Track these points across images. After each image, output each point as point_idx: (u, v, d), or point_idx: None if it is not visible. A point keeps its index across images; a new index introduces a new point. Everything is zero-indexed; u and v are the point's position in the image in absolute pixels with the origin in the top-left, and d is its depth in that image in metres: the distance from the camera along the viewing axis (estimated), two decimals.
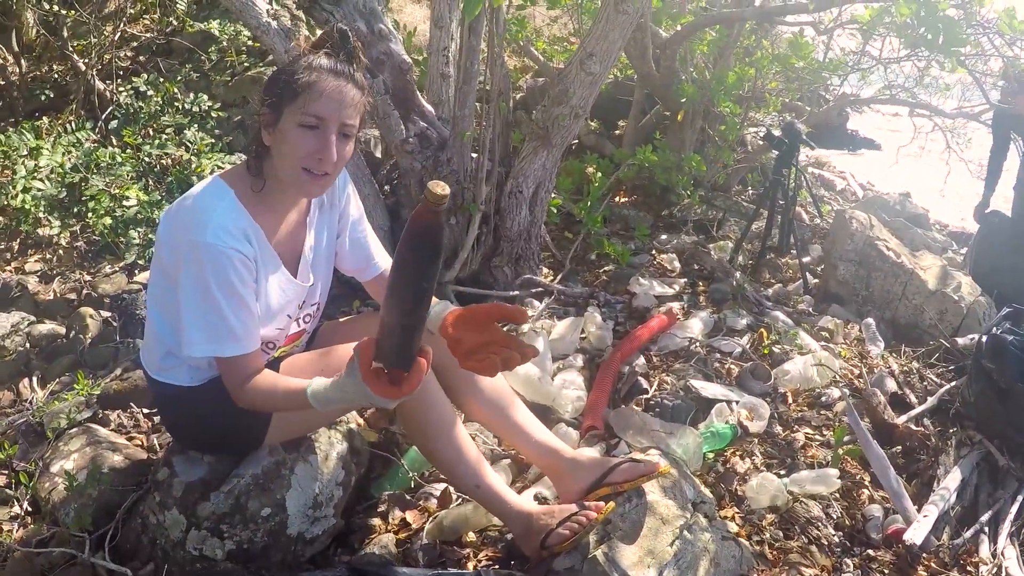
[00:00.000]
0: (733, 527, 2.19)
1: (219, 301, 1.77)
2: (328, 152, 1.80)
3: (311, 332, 2.24)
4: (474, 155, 3.30)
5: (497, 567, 2.04)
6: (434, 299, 2.10)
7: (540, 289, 3.55)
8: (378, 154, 4.23)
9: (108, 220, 3.81)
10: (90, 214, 3.85)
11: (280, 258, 1.95)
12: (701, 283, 3.86)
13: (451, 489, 2.30)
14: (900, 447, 2.68)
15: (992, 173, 5.11)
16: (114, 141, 4.70)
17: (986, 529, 2.39)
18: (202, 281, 1.76)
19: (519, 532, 1.98)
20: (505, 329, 1.91)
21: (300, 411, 2.00)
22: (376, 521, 2.28)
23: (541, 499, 2.20)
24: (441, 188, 1.37)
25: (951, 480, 2.48)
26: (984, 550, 2.30)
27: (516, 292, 3.49)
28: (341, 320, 2.43)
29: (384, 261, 2.24)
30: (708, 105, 4.87)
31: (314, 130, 1.80)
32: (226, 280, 1.77)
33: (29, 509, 2.35)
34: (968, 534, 2.33)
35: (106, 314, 3.56)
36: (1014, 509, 2.45)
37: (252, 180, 1.89)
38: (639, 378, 2.87)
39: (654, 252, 4.26)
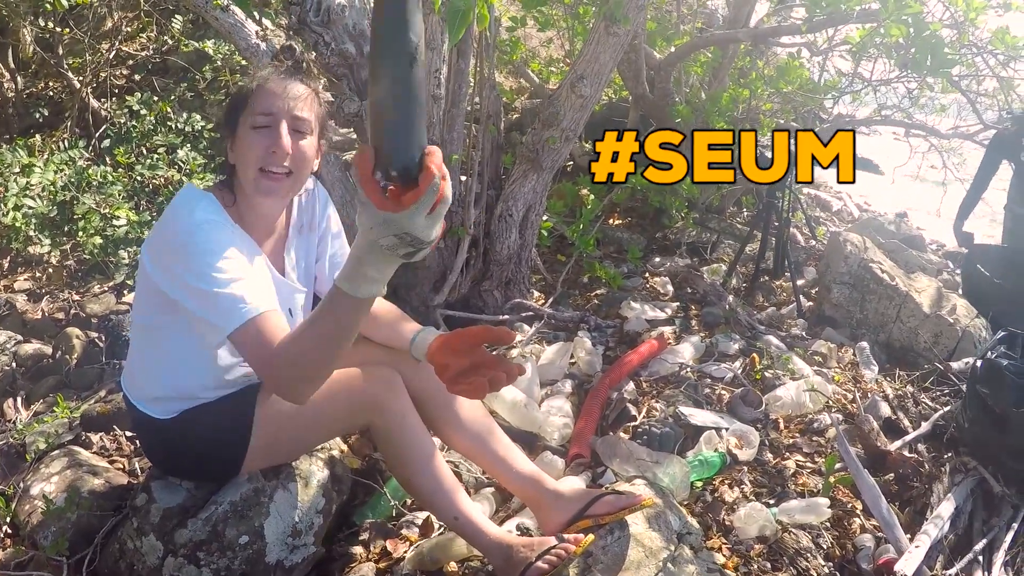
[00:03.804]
0: (720, 559, 2.15)
1: (220, 274, 1.69)
2: (280, 143, 1.81)
3: None
4: (463, 178, 3.27)
5: None
6: (418, 325, 2.08)
7: (530, 313, 3.53)
8: None
9: (98, 239, 3.79)
10: (80, 233, 3.83)
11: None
12: (693, 307, 3.82)
13: (433, 518, 2.26)
14: (893, 474, 2.64)
15: (975, 195, 5.01)
16: (107, 160, 4.69)
17: (980, 559, 2.34)
18: (197, 264, 1.70)
19: (499, 564, 1.94)
20: (493, 351, 1.89)
21: (304, 418, 1.98)
22: (357, 549, 2.25)
23: (523, 530, 2.17)
24: None
25: (945, 508, 2.44)
26: None
27: (506, 316, 3.47)
28: None
29: None
30: (702, 126, 4.87)
31: (265, 129, 1.83)
32: (219, 246, 1.72)
33: (8, 532, 2.32)
34: (962, 564, 2.29)
35: (93, 334, 3.54)
36: (1009, 537, 2.41)
37: (223, 196, 1.89)
38: (627, 405, 2.83)
39: (647, 275, 4.23)
